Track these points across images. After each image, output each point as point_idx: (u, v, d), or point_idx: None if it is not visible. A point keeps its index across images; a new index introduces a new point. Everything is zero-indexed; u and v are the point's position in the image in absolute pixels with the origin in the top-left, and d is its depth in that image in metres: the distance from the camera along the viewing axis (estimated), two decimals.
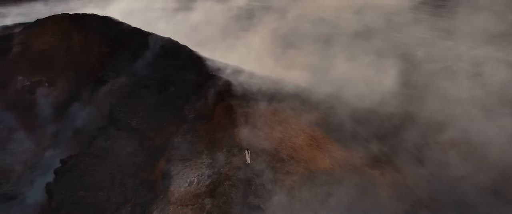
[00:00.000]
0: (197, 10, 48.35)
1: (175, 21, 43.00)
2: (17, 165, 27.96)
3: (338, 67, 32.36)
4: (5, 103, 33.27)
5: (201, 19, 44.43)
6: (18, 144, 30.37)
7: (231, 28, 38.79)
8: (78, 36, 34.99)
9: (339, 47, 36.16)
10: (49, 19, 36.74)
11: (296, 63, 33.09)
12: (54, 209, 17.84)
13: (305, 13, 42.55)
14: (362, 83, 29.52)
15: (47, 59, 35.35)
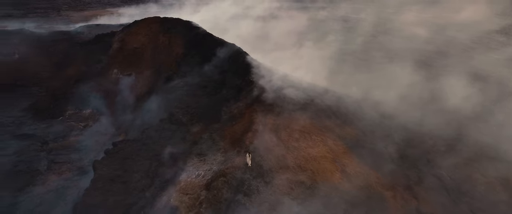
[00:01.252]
0: (278, 19, 51.22)
1: (252, 28, 46.17)
2: (96, 145, 33.45)
3: (397, 84, 31.97)
4: (100, 90, 39.63)
5: (280, 27, 47.04)
6: (102, 127, 36.14)
7: (303, 39, 40.47)
8: (163, 37, 39.98)
9: (409, 64, 35.54)
10: (143, 21, 42.60)
11: (356, 77, 33.59)
12: (92, 181, 21.84)
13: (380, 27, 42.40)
14: (419, 102, 28.88)
15: (137, 56, 41.03)
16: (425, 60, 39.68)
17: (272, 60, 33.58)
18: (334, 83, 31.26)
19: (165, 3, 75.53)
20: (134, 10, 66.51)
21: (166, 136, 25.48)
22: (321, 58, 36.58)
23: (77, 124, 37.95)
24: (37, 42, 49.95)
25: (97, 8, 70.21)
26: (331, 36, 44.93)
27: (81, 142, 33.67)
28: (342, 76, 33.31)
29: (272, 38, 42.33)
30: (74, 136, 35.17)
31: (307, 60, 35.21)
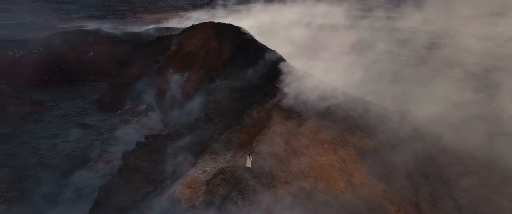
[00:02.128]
0: (335, 27, 51.74)
1: (306, 35, 47.16)
2: (142, 139, 36.74)
3: (441, 100, 31.29)
4: (156, 88, 43.22)
5: (335, 35, 47.57)
6: (151, 122, 39.55)
7: (353, 48, 40.81)
8: (214, 41, 42.59)
9: (460, 80, 34.59)
10: (199, 26, 45.67)
11: (397, 89, 33.36)
12: (119, 169, 24.58)
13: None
14: (460, 121, 28.14)
15: (191, 58, 44.10)
16: (480, 76, 37.77)
17: (312, 67, 34.45)
18: (369, 94, 31.27)
19: (233, 8, 78.88)
20: (202, 14, 70.51)
21: (194, 134, 27.59)
22: (364, 68, 36.61)
23: (132, 118, 41.85)
24: (110, 41, 55.48)
25: (169, 12, 75.50)
26: (384, 47, 44.50)
27: (130, 135, 37.19)
28: (381, 88, 33.13)
29: (323, 47, 43.08)
30: (126, 129, 38.91)
31: (348, 69, 35.50)
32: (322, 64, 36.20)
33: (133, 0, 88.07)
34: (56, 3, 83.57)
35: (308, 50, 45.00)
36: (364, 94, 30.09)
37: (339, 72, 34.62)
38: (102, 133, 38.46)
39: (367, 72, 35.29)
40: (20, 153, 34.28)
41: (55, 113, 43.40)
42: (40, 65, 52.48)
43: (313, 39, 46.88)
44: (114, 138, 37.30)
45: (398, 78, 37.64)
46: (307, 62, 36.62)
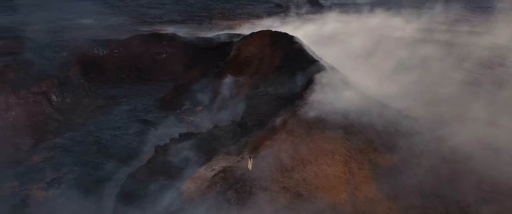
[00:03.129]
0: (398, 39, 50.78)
1: (366, 45, 47.11)
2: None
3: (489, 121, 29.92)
4: (212, 91, 46.20)
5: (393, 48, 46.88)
6: (203, 122, 42.47)
7: (402, 60, 40.10)
8: (269, 49, 44.46)
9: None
10: (258, 33, 47.90)
11: (438, 106, 32.49)
12: (146, 162, 27.42)
13: None
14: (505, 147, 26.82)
15: (247, 64, 46.46)
16: None
17: (365, 79, 34.96)
18: (406, 108, 30.72)
19: (306, 17, 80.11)
20: (272, 21, 72.79)
21: (224, 136, 29.59)
22: (407, 81, 35.85)
23: (187, 118, 45.27)
24: (182, 45, 60.14)
25: (243, 19, 79.06)
26: (452, 63, 42.92)
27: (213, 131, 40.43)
28: (420, 102, 32.25)
29: (385, 59, 43.22)
30: (179, 127, 42.28)
31: (389, 82, 35.12)
32: (376, 77, 36.27)
33: (213, 7, 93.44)
34: (146, 8, 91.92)
35: (368, 62, 44.87)
36: (408, 109, 29.74)
37: (391, 86, 34.45)
38: (158, 129, 42.17)
39: (409, 85, 34.51)
40: (84, 141, 39.17)
41: (123, 108, 48.47)
42: (119, 64, 58.77)
43: (378, 52, 46.72)
44: (167, 135, 40.71)
45: (456, 98, 36.21)
46: (363, 74, 37.01)
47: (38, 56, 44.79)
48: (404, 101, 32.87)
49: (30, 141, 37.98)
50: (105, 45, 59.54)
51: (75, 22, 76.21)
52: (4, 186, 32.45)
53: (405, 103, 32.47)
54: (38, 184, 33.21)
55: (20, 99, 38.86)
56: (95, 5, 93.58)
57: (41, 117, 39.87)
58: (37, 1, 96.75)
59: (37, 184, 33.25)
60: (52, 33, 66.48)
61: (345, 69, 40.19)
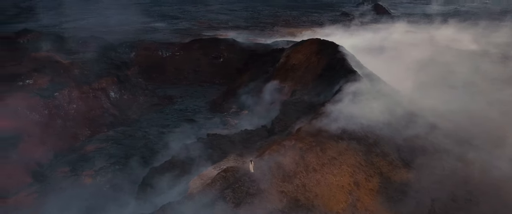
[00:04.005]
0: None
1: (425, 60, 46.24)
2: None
3: None
4: (257, 96, 47.70)
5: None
6: (244, 125, 44.04)
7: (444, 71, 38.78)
8: (315, 57, 45.02)
9: None
10: (307, 41, 48.67)
11: None
12: (172, 156, 29.46)
13: None
14: None
15: (294, 71, 47.37)
16: None
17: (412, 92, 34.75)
18: (440, 124, 29.68)
19: (371, 26, 78.71)
20: (334, 30, 72.63)
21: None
22: (453, 97, 34.43)
23: (232, 120, 47.17)
24: (238, 50, 62.56)
25: (306, 26, 79.76)
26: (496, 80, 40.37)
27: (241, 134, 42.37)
28: (458, 121, 30.84)
29: (430, 71, 42.11)
30: (221, 129, 44.26)
31: (433, 96, 34.17)
32: (422, 90, 35.61)
33: (280, 14, 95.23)
34: (215, 13, 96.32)
35: (420, 74, 43.57)
36: (441, 125, 28.88)
37: (433, 101, 33.60)
38: (201, 129, 44.49)
39: (466, 106, 33.24)
40: (134, 135, 42.63)
41: (176, 107, 51.75)
42: (179, 66, 62.69)
43: (436, 65, 45.33)
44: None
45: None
46: (409, 86, 36.52)
47: (102, 55, 49.49)
48: (441, 118, 31.71)
49: (87, 132, 42.21)
50: (168, 47, 63.86)
51: (148, 25, 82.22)
52: (58, 170, 36.52)
53: (441, 120, 31.35)
54: (87, 172, 36.86)
55: (82, 94, 43.40)
56: (171, 10, 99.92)
57: (99, 111, 44.12)
58: (120, 6, 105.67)
59: (86, 171, 36.91)
60: (124, 34, 72.66)
61: (392, 80, 39.59)
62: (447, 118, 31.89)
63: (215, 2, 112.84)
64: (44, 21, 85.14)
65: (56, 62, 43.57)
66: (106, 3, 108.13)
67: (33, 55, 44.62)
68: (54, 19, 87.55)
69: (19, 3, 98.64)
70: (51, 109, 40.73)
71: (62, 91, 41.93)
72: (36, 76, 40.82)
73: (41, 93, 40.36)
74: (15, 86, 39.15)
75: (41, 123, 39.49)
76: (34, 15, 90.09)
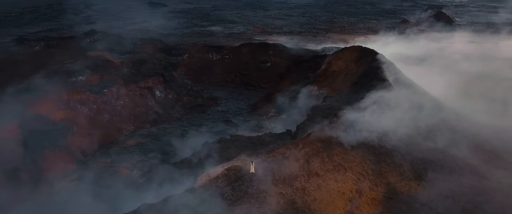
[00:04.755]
0: None
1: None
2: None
3: None
4: (293, 100, 48.29)
5: None
6: (277, 126, 44.85)
7: None
8: (354, 65, 44.85)
9: None
10: (349, 48, 48.57)
11: None
12: (192, 154, 31.03)
13: None
14: None
15: (333, 78, 47.55)
16: None
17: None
18: (469, 140, 28.64)
19: (431, 35, 75.72)
20: (387, 38, 70.82)
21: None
22: (485, 109, 32.90)
23: (269, 124, 48.17)
24: (286, 55, 63.42)
25: (360, 33, 78.57)
26: None
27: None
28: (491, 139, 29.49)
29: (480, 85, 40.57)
30: (255, 132, 45.42)
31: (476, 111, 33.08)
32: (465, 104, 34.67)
33: (336, 20, 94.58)
34: (272, 18, 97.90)
35: (468, 87, 41.91)
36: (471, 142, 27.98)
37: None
38: (237, 130, 45.97)
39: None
40: (173, 133, 45.10)
41: (218, 109, 53.74)
42: (227, 69, 64.88)
43: (489, 78, 43.45)
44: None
45: None
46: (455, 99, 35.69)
47: (151, 56, 52.80)
48: (475, 133, 30.51)
49: (131, 127, 45.41)
50: (218, 51, 66.33)
51: (205, 29, 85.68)
52: (100, 160, 39.75)
53: (474, 135, 30.16)
54: (126, 164, 39.67)
55: (129, 91, 46.77)
56: (230, 15, 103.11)
57: (144, 108, 47.24)
58: (182, 10, 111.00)
59: (125, 163, 39.74)
60: (182, 37, 76.51)
61: (436, 91, 38.56)
62: (481, 134, 30.60)
63: (274, 7, 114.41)
64: (112, 23, 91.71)
65: (108, 61, 47.32)
66: (171, 7, 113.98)
67: (88, 54, 48.82)
68: (122, 22, 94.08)
69: (92, 5, 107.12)
70: (99, 104, 44.38)
71: (111, 88, 45.46)
72: (88, 73, 44.69)
73: (91, 89, 44.12)
74: (69, 82, 43.15)
75: (89, 116, 43.20)
76: (104, 17, 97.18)
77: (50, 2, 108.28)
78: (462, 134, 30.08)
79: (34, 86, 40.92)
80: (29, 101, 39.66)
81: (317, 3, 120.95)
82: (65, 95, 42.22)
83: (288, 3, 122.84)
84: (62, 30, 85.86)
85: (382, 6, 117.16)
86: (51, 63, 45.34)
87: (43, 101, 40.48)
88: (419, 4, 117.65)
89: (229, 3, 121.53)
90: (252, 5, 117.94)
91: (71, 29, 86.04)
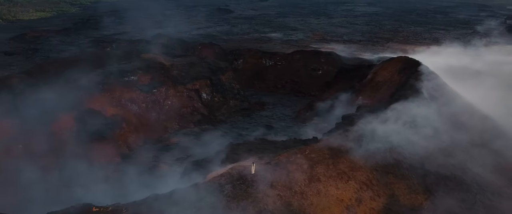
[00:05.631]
0: None
1: None
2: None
3: None
4: (336, 109, 48.49)
5: None
6: (315, 133, 45.31)
7: None
8: (398, 76, 44.38)
9: None
10: (394, 59, 47.92)
11: None
12: (215, 153, 32.74)
13: None
14: None
15: (377, 88, 47.29)
16: None
17: None
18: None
19: (503, 48, 71.23)
20: (451, 49, 67.89)
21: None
22: None
23: (310, 131, 48.75)
24: (338, 63, 63.45)
25: (423, 44, 75.96)
26: None
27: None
28: None
29: None
30: (291, 137, 46.29)
31: None
32: None
33: (402, 29, 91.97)
34: (335, 26, 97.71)
35: None
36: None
37: None
38: (277, 136, 47.15)
39: None
40: (214, 133, 47.37)
41: (263, 114, 55.35)
42: (278, 75, 66.36)
43: None
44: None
45: None
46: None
47: (200, 60, 55.81)
48: None
49: (176, 126, 48.53)
50: (271, 57, 68.03)
51: (265, 35, 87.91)
52: (143, 156, 43.10)
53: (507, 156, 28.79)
54: (166, 160, 42.62)
55: (177, 92, 50.02)
56: (293, 22, 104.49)
57: (190, 109, 50.21)
58: (246, 16, 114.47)
59: (165, 160, 42.70)
60: (241, 42, 79.37)
61: (486, 107, 37.14)
62: None
63: (339, 15, 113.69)
64: (181, 28, 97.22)
65: (159, 63, 50.99)
66: (237, 13, 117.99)
67: (142, 56, 52.96)
68: (189, 26, 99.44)
69: (166, 11, 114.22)
70: (148, 103, 48.06)
71: (160, 88, 48.99)
72: (140, 74, 48.60)
73: (142, 88, 47.92)
74: (122, 81, 47.30)
75: (138, 114, 46.97)
76: (175, 22, 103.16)
77: (127, 6, 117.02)
78: (494, 153, 28.79)
79: (90, 83, 45.52)
80: (85, 97, 44.22)
81: (385, 12, 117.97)
82: (118, 93, 46.36)
83: (355, 11, 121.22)
84: (134, 33, 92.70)
85: (456, 16, 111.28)
86: (109, 63, 49.90)
87: (97, 98, 44.89)
88: (498, 14, 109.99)
89: (294, 10, 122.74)
90: (316, 12, 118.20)
91: (142, 33, 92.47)
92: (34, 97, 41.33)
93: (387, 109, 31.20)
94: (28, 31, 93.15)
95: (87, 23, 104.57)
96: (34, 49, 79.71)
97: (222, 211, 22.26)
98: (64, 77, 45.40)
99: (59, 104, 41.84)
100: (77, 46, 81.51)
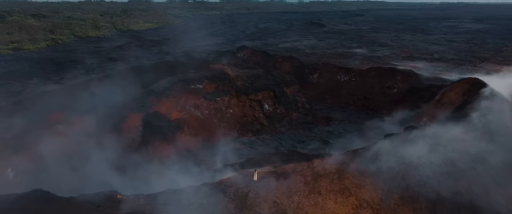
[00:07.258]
0: None
1: None
2: None
3: None
4: (388, 128, 47.42)
5: None
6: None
7: None
8: (461, 98, 42.17)
9: None
10: (463, 80, 45.37)
11: None
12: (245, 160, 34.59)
13: None
14: None
15: (441, 110, 45.13)
16: None
17: None
18: None
19: None
20: None
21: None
22: None
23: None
24: (415, 82, 61.43)
25: None
26: None
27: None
28: None
29: None
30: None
31: None
32: None
33: (505, 49, 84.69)
34: (428, 43, 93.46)
35: None
36: None
37: None
38: (330, 150, 47.53)
39: None
40: (270, 144, 49.47)
41: (326, 128, 55.86)
42: (351, 91, 66.18)
43: None
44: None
45: None
46: None
47: (266, 73, 58.31)
48: None
49: (235, 134, 51.55)
50: (346, 72, 68.10)
51: (349, 51, 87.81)
52: (198, 158, 46.82)
53: None
54: (218, 164, 45.80)
55: (239, 102, 53.15)
56: (384, 37, 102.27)
57: (250, 119, 52.93)
58: (337, 31, 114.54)
59: (214, 163, 45.87)
60: (322, 57, 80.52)
61: None
62: None
63: (438, 31, 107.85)
64: (268, 41, 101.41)
65: (225, 74, 54.66)
66: (328, 28, 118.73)
67: (210, 66, 57.21)
68: (277, 39, 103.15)
69: (259, 24, 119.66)
70: (211, 110, 51.89)
71: (223, 97, 52.58)
72: (206, 82, 52.72)
73: (206, 96, 51.95)
74: (188, 88, 51.85)
75: (200, 119, 51.00)
76: (265, 35, 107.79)
77: (225, 20, 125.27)
78: None
79: (159, 89, 50.82)
80: (154, 101, 49.53)
81: (493, 29, 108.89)
82: (183, 99, 50.95)
83: (457, 28, 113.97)
84: (224, 44, 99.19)
85: None
86: (180, 71, 55.02)
87: (164, 102, 49.91)
88: None
89: (389, 25, 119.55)
90: (413, 28, 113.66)
91: (232, 44, 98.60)
92: (110, 98, 47.65)
93: (414, 130, 30.28)
94: (133, 39, 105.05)
95: (183, 35, 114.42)
96: (136, 56, 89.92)
97: (221, 211, 24.25)
98: (139, 82, 51.43)
99: (130, 105, 47.62)
100: (172, 55, 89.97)
